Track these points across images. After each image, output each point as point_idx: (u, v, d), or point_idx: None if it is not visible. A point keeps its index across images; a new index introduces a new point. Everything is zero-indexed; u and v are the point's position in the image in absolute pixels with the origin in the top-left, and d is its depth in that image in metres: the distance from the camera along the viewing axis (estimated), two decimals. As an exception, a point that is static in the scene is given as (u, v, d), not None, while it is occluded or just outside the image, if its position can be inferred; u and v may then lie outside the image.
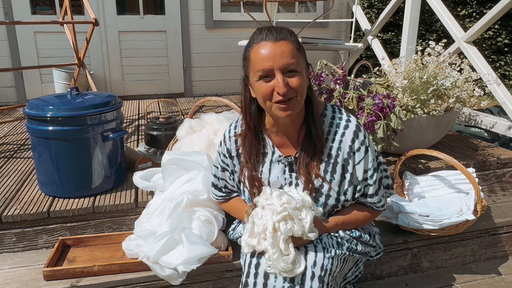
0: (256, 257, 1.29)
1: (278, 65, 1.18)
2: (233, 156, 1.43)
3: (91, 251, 1.72)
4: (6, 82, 4.18)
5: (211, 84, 4.70)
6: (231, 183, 1.51)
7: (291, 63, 1.18)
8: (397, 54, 5.12)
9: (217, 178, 1.53)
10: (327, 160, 1.34)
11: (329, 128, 1.34)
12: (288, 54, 1.18)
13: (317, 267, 1.25)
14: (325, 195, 1.35)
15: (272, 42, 1.19)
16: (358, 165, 1.34)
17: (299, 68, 1.21)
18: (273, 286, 1.23)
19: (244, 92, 1.34)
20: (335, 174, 1.34)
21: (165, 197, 1.70)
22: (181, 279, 1.50)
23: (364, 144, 1.33)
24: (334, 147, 1.33)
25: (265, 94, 1.21)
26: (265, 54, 1.18)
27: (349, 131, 1.33)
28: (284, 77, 1.19)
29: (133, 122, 3.25)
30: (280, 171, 1.37)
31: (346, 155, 1.33)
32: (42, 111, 1.77)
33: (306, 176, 1.33)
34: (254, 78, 1.23)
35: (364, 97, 2.11)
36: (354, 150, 1.33)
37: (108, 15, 4.24)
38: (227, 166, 1.47)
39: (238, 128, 1.42)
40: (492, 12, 2.80)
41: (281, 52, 1.18)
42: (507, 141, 3.31)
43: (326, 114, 1.36)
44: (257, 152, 1.37)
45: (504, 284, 1.86)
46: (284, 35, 1.21)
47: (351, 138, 1.32)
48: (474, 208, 1.83)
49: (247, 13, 3.71)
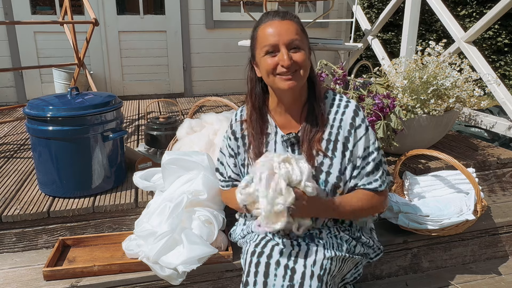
0: (257, 256, 1.30)
1: (284, 40, 1.26)
2: (237, 138, 1.49)
3: (91, 251, 1.72)
4: (6, 82, 4.18)
5: (211, 84, 4.70)
6: (235, 170, 1.52)
7: (295, 39, 1.27)
8: (397, 54, 5.13)
9: (222, 164, 1.57)
10: (328, 138, 1.37)
11: (330, 108, 1.40)
12: (293, 31, 1.28)
13: (317, 266, 1.25)
14: (326, 172, 1.36)
15: (279, 21, 1.28)
16: (360, 142, 1.37)
17: (302, 46, 1.29)
18: (272, 284, 1.24)
19: (250, 73, 1.42)
20: (336, 152, 1.36)
21: (165, 197, 1.70)
22: (181, 279, 1.50)
23: (365, 123, 1.38)
24: (335, 126, 1.37)
25: (270, 67, 1.28)
26: (272, 30, 1.28)
27: (349, 110, 1.38)
28: (289, 52, 1.27)
29: (133, 122, 3.25)
30: (283, 151, 1.40)
31: (346, 133, 1.37)
32: (42, 111, 1.77)
33: (308, 151, 1.36)
34: (260, 54, 1.31)
35: (364, 97, 2.11)
36: (355, 127, 1.37)
37: (108, 15, 4.24)
38: (232, 150, 1.51)
39: (244, 114, 1.48)
40: (492, 12, 2.80)
41: (287, 29, 1.27)
42: (507, 141, 3.32)
43: (327, 96, 1.43)
44: (262, 131, 1.43)
45: (504, 284, 1.86)
46: (290, 16, 1.31)
47: (351, 116, 1.37)
48: (474, 208, 1.83)
49: (247, 13, 3.71)
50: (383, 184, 1.41)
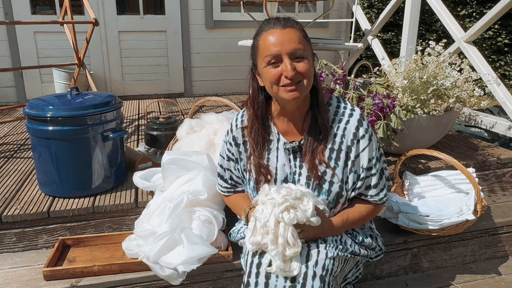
0: (258, 256, 1.29)
1: (286, 50, 1.22)
2: (239, 144, 1.46)
3: (91, 251, 1.72)
4: (6, 82, 4.18)
5: (211, 84, 4.70)
6: (236, 173, 1.52)
7: (298, 48, 1.23)
8: (397, 54, 5.13)
9: (223, 168, 1.55)
10: (331, 147, 1.36)
11: (334, 116, 1.37)
12: (296, 40, 1.23)
13: (319, 266, 1.25)
14: (329, 182, 1.35)
15: (280, 29, 1.23)
16: (363, 153, 1.35)
17: (306, 54, 1.25)
18: (274, 285, 1.23)
19: (252, 82, 1.38)
20: (339, 161, 1.35)
21: (165, 197, 1.70)
22: (181, 279, 1.50)
23: (368, 133, 1.36)
24: (339, 135, 1.35)
25: (273, 78, 1.24)
26: (273, 40, 1.23)
27: (354, 119, 1.35)
28: (292, 62, 1.22)
29: (133, 122, 3.25)
30: (285, 159, 1.39)
31: (349, 142, 1.35)
32: (42, 111, 1.77)
33: (311, 162, 1.34)
34: (262, 64, 1.27)
35: (364, 97, 2.11)
36: (359, 138, 1.34)
37: (108, 15, 4.24)
38: (232, 155, 1.49)
39: (245, 119, 1.45)
40: (492, 12, 2.80)
41: (289, 38, 1.22)
42: (507, 141, 3.31)
43: (331, 103, 1.39)
44: (264, 140, 1.40)
45: (504, 284, 1.86)
46: (291, 23, 1.26)
47: (355, 126, 1.35)
48: (474, 208, 1.83)
49: (247, 13, 3.70)
50: (385, 195, 1.42)
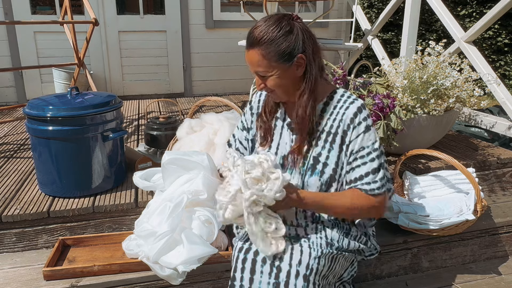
0: (244, 252, 1.33)
1: (252, 69, 1.35)
2: (253, 113, 1.57)
3: (91, 251, 1.72)
4: (6, 82, 4.18)
5: (211, 84, 4.70)
6: (244, 144, 1.59)
7: (258, 70, 1.33)
8: (397, 54, 5.12)
9: (234, 138, 1.64)
10: (329, 130, 1.39)
11: (336, 103, 1.41)
12: (255, 63, 1.31)
13: (302, 266, 1.26)
14: (323, 163, 1.38)
15: (246, 50, 1.33)
16: (357, 139, 1.35)
17: (269, 71, 1.32)
18: (259, 281, 1.27)
19: None
20: (334, 144, 1.38)
21: (165, 197, 1.70)
22: (181, 279, 1.50)
23: (366, 122, 1.36)
24: (337, 119, 1.38)
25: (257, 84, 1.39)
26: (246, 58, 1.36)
27: (354, 106, 1.38)
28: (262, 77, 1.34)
29: (133, 122, 3.25)
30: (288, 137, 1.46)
31: (345, 127, 1.37)
32: (42, 111, 1.77)
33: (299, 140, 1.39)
34: None
35: (364, 97, 2.11)
36: (355, 124, 1.36)
37: (108, 15, 4.24)
38: (247, 124, 1.59)
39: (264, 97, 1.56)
40: (492, 12, 2.80)
41: (250, 61, 1.33)
42: (507, 141, 3.31)
43: (336, 92, 1.43)
44: (275, 111, 1.50)
45: (504, 284, 1.86)
46: (252, 43, 1.30)
47: (353, 112, 1.37)
48: (474, 208, 1.83)
49: (247, 13, 3.70)
50: (381, 187, 1.35)
